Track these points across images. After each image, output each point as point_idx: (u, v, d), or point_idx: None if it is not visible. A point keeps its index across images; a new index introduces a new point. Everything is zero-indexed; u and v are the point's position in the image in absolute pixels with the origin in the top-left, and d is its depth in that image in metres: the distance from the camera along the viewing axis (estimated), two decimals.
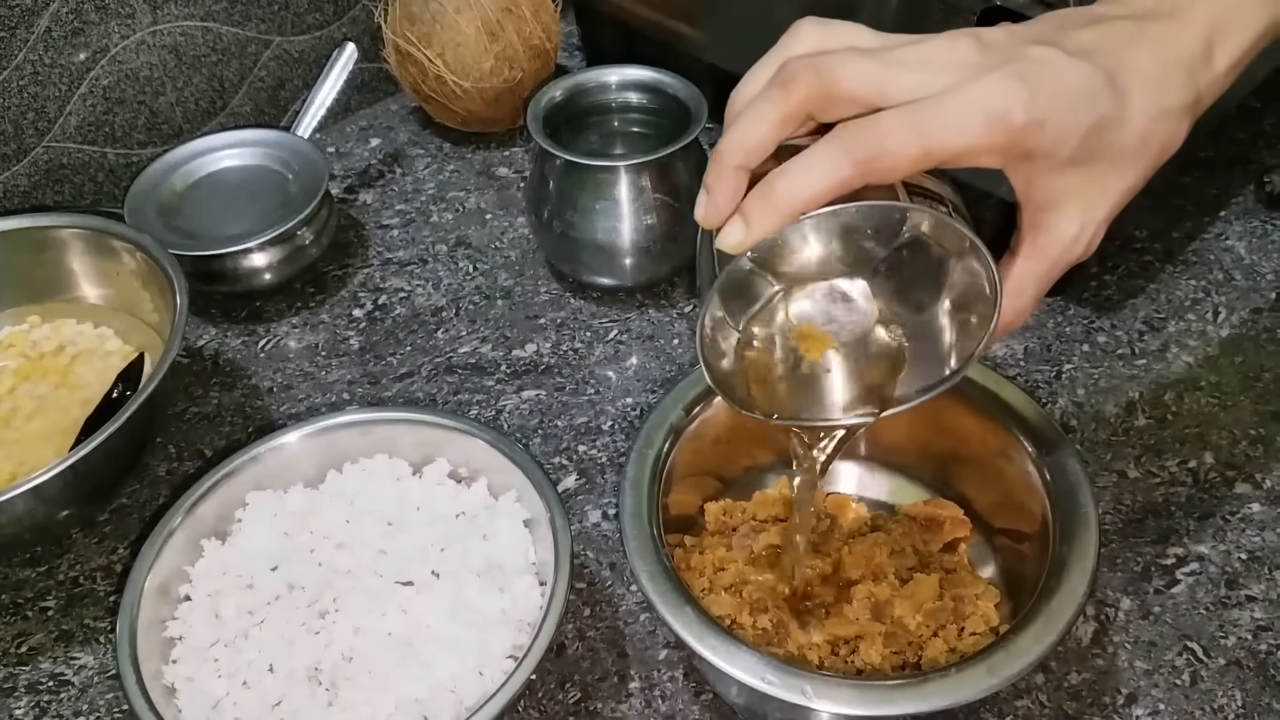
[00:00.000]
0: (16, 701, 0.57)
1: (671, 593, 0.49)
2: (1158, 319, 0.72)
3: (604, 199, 0.71)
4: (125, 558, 0.64)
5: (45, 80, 0.77)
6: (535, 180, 0.74)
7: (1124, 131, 0.39)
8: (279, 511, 0.57)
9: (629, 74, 0.75)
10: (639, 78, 0.75)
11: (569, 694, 0.56)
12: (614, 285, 0.76)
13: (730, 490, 0.62)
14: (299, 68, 0.91)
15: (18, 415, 0.67)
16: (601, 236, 0.72)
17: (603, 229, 0.71)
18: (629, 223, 0.71)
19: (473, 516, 0.57)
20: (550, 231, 0.73)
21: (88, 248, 0.71)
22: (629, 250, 0.72)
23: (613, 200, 0.71)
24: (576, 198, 0.71)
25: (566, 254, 0.75)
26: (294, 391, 0.72)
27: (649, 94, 0.76)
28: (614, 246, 0.72)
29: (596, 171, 0.70)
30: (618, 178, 0.70)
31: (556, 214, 0.72)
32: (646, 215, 0.71)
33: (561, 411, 0.70)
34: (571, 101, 0.75)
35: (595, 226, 0.71)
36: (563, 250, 0.74)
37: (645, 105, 0.76)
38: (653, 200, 0.71)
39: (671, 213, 0.71)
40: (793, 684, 0.45)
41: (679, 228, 0.72)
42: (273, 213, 0.76)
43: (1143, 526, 0.61)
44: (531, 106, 0.72)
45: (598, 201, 0.71)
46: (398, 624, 0.52)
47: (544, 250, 0.79)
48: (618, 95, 0.76)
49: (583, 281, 0.77)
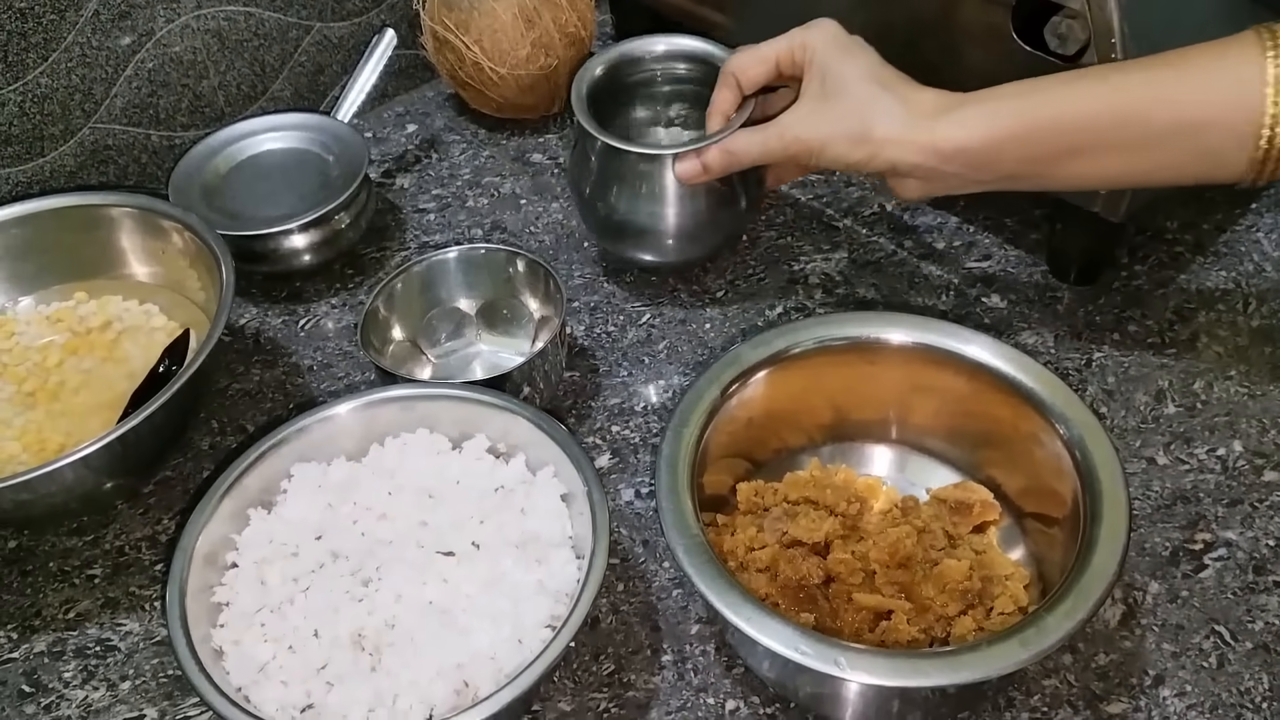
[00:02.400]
0: (65, 665, 0.59)
1: (707, 565, 0.50)
2: (1188, 309, 0.72)
3: (648, 184, 0.70)
4: (169, 528, 0.65)
5: (92, 63, 0.79)
6: (578, 158, 0.74)
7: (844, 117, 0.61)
8: (323, 483, 0.58)
9: (676, 43, 0.75)
10: (684, 48, 0.75)
11: (603, 666, 0.57)
12: (657, 263, 0.76)
13: (761, 472, 0.63)
14: (338, 53, 0.92)
15: (65, 388, 0.69)
16: (645, 220, 0.71)
17: (647, 213, 0.71)
18: (674, 208, 0.71)
19: (511, 490, 0.58)
20: (594, 212, 0.73)
21: (136, 226, 0.73)
22: (672, 233, 0.72)
23: (658, 186, 0.70)
24: (620, 182, 0.71)
25: (608, 232, 0.75)
26: (333, 370, 0.74)
27: (693, 64, 0.75)
28: (657, 230, 0.72)
29: (640, 160, 0.70)
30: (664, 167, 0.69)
31: (599, 195, 0.72)
32: (693, 199, 0.71)
33: (595, 393, 0.71)
34: (615, 74, 0.75)
35: (639, 210, 0.71)
36: (606, 229, 0.74)
37: (690, 75, 0.76)
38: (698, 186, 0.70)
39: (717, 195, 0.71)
40: (826, 654, 0.46)
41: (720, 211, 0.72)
42: (313, 195, 0.78)
43: (1171, 512, 0.62)
44: (575, 84, 0.72)
45: (642, 186, 0.70)
46: (438, 593, 0.53)
47: (586, 226, 0.79)
48: (663, 66, 0.77)
49: (625, 258, 0.78)
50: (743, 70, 0.66)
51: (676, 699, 0.55)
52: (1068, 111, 0.57)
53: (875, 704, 0.52)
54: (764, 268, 0.78)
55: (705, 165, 0.67)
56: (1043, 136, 0.57)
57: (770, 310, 0.75)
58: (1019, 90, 0.58)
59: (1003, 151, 0.58)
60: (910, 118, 0.59)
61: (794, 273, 0.78)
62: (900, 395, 0.62)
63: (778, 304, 0.76)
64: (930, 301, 0.75)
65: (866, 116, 0.60)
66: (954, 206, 0.81)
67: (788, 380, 0.61)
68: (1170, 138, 0.55)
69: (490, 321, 0.73)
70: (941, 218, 0.81)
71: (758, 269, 0.78)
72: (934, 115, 0.59)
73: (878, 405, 0.63)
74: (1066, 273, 0.75)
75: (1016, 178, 0.60)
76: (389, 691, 0.50)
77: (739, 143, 0.65)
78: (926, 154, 0.59)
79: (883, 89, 0.60)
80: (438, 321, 0.72)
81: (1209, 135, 0.54)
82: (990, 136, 0.57)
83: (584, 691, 0.56)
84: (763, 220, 0.82)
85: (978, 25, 0.67)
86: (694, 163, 0.67)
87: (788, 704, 0.55)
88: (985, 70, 0.58)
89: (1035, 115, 0.57)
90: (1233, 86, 0.53)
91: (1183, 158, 0.56)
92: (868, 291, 0.76)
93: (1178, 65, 0.55)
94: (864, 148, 0.60)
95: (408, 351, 0.71)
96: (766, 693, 0.55)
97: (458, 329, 0.73)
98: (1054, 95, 0.57)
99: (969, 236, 0.79)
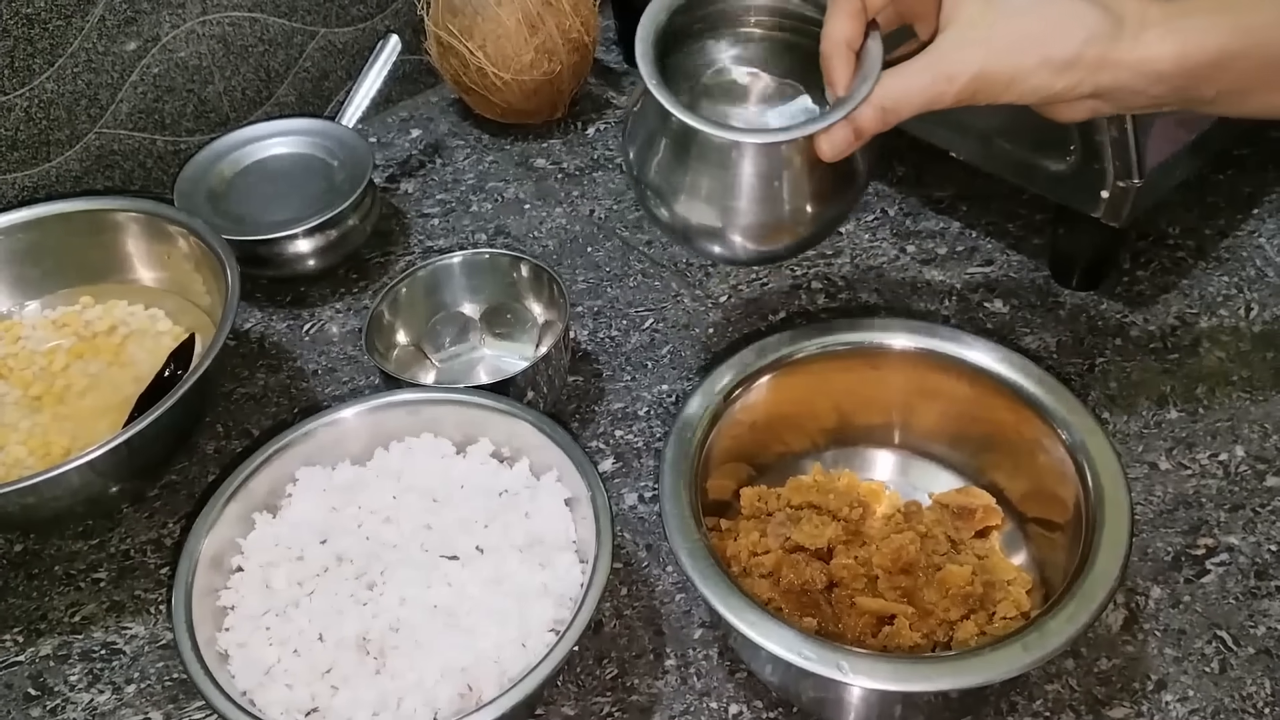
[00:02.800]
0: (71, 668, 0.59)
1: (710, 570, 0.50)
2: (1190, 314, 0.73)
3: (724, 169, 0.55)
4: (174, 532, 0.65)
5: (98, 68, 0.80)
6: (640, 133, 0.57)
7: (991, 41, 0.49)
8: (328, 487, 0.59)
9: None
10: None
11: (606, 670, 0.57)
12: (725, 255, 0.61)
13: (764, 476, 0.63)
14: (343, 59, 0.93)
15: (71, 392, 0.69)
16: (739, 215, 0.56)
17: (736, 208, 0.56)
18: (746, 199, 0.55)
19: (515, 494, 0.58)
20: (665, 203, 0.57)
21: (142, 231, 0.73)
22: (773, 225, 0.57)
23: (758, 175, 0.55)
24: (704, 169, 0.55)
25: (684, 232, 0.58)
26: (338, 374, 0.74)
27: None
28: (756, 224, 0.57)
29: (716, 145, 0.54)
30: (743, 154, 0.54)
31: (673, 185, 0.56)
32: (806, 180, 0.55)
33: (599, 397, 0.71)
34: (686, 11, 0.57)
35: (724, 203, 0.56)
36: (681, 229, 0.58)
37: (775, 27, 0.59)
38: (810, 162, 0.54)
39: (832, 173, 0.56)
40: (829, 659, 0.46)
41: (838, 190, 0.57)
42: (318, 200, 0.78)
43: (1173, 517, 0.62)
44: (641, 26, 0.54)
45: (735, 176, 0.55)
46: (443, 596, 0.54)
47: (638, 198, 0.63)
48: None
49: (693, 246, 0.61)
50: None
51: (680, 703, 0.56)
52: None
53: (878, 708, 0.52)
54: (767, 273, 0.78)
55: (859, 130, 0.51)
56: (1266, 62, 0.49)
57: (773, 315, 0.76)
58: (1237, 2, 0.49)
59: (1223, 72, 0.49)
60: (1119, 30, 0.48)
61: (796, 278, 0.78)
62: (903, 400, 0.63)
63: (780, 309, 0.76)
64: (932, 307, 0.75)
65: (1068, 32, 0.49)
66: (956, 212, 0.81)
67: (791, 385, 0.61)
68: None
69: (494, 326, 0.74)
70: (944, 223, 0.81)
71: (760, 274, 0.78)
72: (1145, 26, 0.49)
73: (880, 410, 0.63)
74: (1069, 278, 0.75)
75: (1214, 101, 0.51)
76: (394, 694, 0.50)
77: (894, 92, 0.50)
78: (1144, 76, 0.49)
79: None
80: (442, 326, 0.73)
81: None
82: (1218, 53, 0.48)
83: (587, 695, 0.56)
84: None
85: None
86: (844, 131, 0.51)
87: (790, 708, 0.55)
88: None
89: (1263, 37, 0.49)
90: None
91: None
92: (870, 297, 0.76)
93: None
94: (1071, 73, 0.49)
95: (412, 356, 0.72)
96: (769, 697, 0.55)
97: (462, 333, 0.73)
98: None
99: (971, 242, 0.79)
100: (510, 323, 0.73)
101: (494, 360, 0.73)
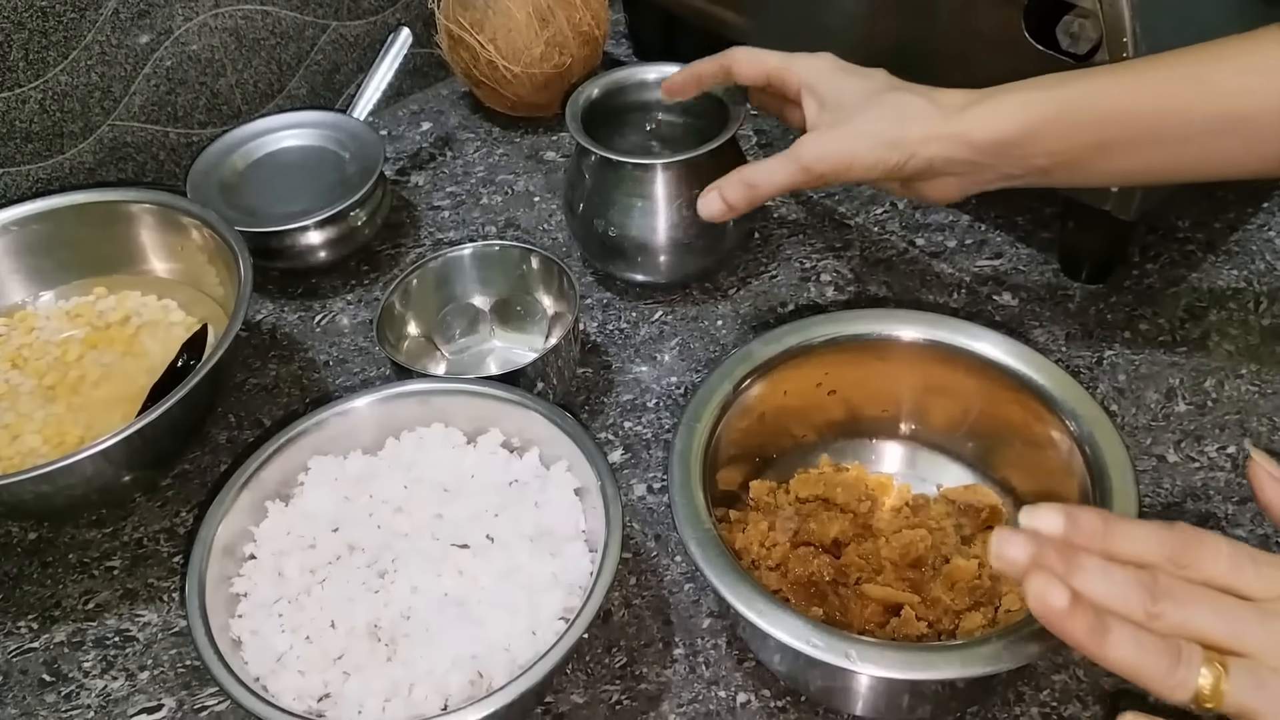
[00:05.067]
0: (85, 655, 0.60)
1: (719, 559, 0.51)
2: (1199, 307, 0.73)
3: (641, 197, 0.71)
4: (187, 521, 0.66)
5: (111, 61, 0.80)
6: (572, 176, 0.75)
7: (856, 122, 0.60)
8: (340, 476, 0.59)
9: (667, 72, 0.72)
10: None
11: (615, 658, 0.58)
12: (648, 282, 0.77)
13: (773, 468, 0.63)
14: (354, 52, 0.93)
15: (85, 382, 0.70)
16: (637, 233, 0.72)
17: (639, 226, 0.72)
18: (665, 220, 0.71)
19: (525, 484, 0.58)
20: (589, 229, 0.74)
21: (156, 222, 0.74)
22: (665, 248, 0.73)
23: (650, 199, 0.71)
24: (613, 195, 0.72)
25: (601, 250, 0.75)
26: (349, 365, 0.74)
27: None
28: (650, 244, 0.73)
29: (634, 170, 0.70)
30: (654, 176, 0.70)
31: (595, 211, 0.73)
32: (685, 211, 0.71)
33: (608, 388, 0.71)
34: (609, 98, 0.75)
35: (632, 224, 0.72)
36: (596, 246, 0.75)
37: (683, 103, 0.74)
38: (691, 197, 0.68)
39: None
40: (837, 647, 0.47)
41: (712, 226, 0.71)
42: (329, 192, 0.78)
43: (1182, 510, 0.62)
44: (570, 104, 0.73)
45: (636, 199, 0.71)
46: (453, 584, 0.54)
47: (579, 245, 0.79)
48: (656, 93, 0.74)
49: (617, 277, 0.77)
50: (736, 59, 0.65)
51: (688, 691, 0.56)
52: (1105, 101, 0.55)
53: (885, 697, 0.52)
54: (776, 265, 0.79)
55: (729, 203, 0.62)
56: (1080, 127, 0.56)
57: (782, 307, 0.76)
58: (1052, 81, 0.57)
59: (1038, 141, 0.56)
60: (942, 112, 0.57)
61: (806, 270, 0.78)
62: (911, 392, 0.63)
63: (790, 301, 0.76)
64: (942, 299, 0.75)
65: (896, 118, 0.58)
66: (965, 205, 0.81)
67: (799, 377, 0.62)
68: (1211, 131, 0.54)
69: (504, 318, 0.74)
70: (953, 216, 0.81)
71: (770, 266, 0.79)
72: (965, 108, 0.57)
73: (889, 402, 0.63)
74: (1078, 271, 0.75)
75: (1050, 171, 0.58)
76: (405, 681, 0.51)
77: (758, 173, 0.61)
78: (963, 146, 0.57)
79: (906, 92, 0.59)
80: (452, 317, 0.73)
81: (1250, 128, 0.54)
82: (1026, 124, 0.56)
83: (596, 683, 0.57)
84: (775, 218, 0.82)
85: (990, 25, 0.67)
86: (716, 200, 0.62)
87: (798, 697, 0.55)
88: (996, 72, 0.59)
89: (1072, 105, 0.56)
90: (1274, 76, 0.52)
91: (1221, 151, 0.55)
92: (879, 289, 0.76)
93: (1213, 58, 0.54)
94: (899, 150, 0.58)
95: (422, 347, 0.72)
96: (777, 686, 0.56)
97: (472, 325, 0.74)
98: (1090, 85, 0.56)
99: (980, 235, 0.79)
100: (520, 314, 0.74)
101: (504, 352, 0.74)
